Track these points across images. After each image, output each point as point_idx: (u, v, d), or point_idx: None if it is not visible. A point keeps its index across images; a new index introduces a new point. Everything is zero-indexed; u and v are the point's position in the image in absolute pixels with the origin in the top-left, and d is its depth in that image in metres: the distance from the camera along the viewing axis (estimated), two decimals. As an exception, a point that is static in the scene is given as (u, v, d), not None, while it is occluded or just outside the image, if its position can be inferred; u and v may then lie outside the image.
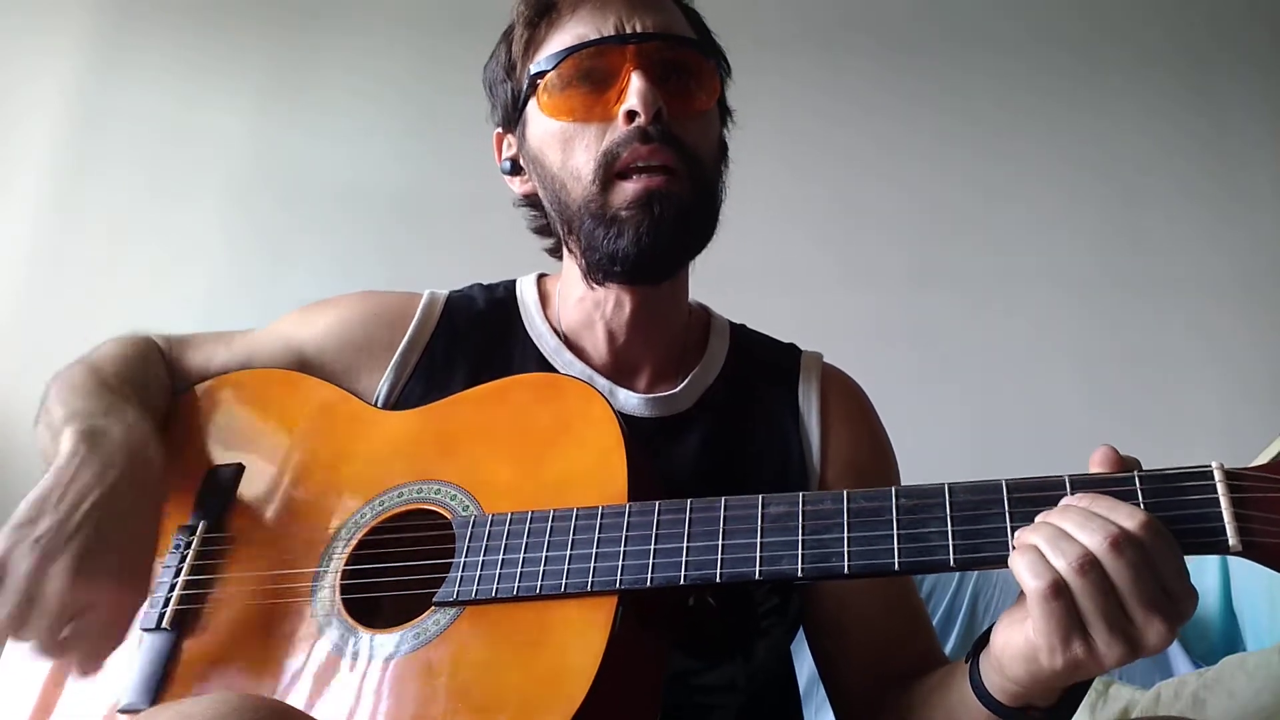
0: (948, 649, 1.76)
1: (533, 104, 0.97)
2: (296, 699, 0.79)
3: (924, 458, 1.18)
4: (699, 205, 0.95)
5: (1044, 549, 0.66)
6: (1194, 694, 1.34)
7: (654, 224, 0.91)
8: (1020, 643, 0.68)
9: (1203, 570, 1.77)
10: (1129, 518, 0.66)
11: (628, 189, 0.92)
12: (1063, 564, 0.65)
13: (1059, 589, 0.64)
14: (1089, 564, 0.64)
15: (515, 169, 1.04)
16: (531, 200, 1.04)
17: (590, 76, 0.93)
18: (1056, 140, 2.65)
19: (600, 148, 0.92)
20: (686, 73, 0.96)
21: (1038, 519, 0.69)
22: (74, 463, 0.84)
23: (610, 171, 0.92)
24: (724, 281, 1.09)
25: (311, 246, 2.53)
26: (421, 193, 2.56)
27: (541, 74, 0.95)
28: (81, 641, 0.80)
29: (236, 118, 2.59)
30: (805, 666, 1.09)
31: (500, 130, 1.05)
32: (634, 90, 0.91)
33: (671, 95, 0.93)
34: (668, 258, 0.95)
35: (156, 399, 1.01)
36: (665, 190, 0.91)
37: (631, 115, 0.91)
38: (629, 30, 0.93)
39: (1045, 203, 2.61)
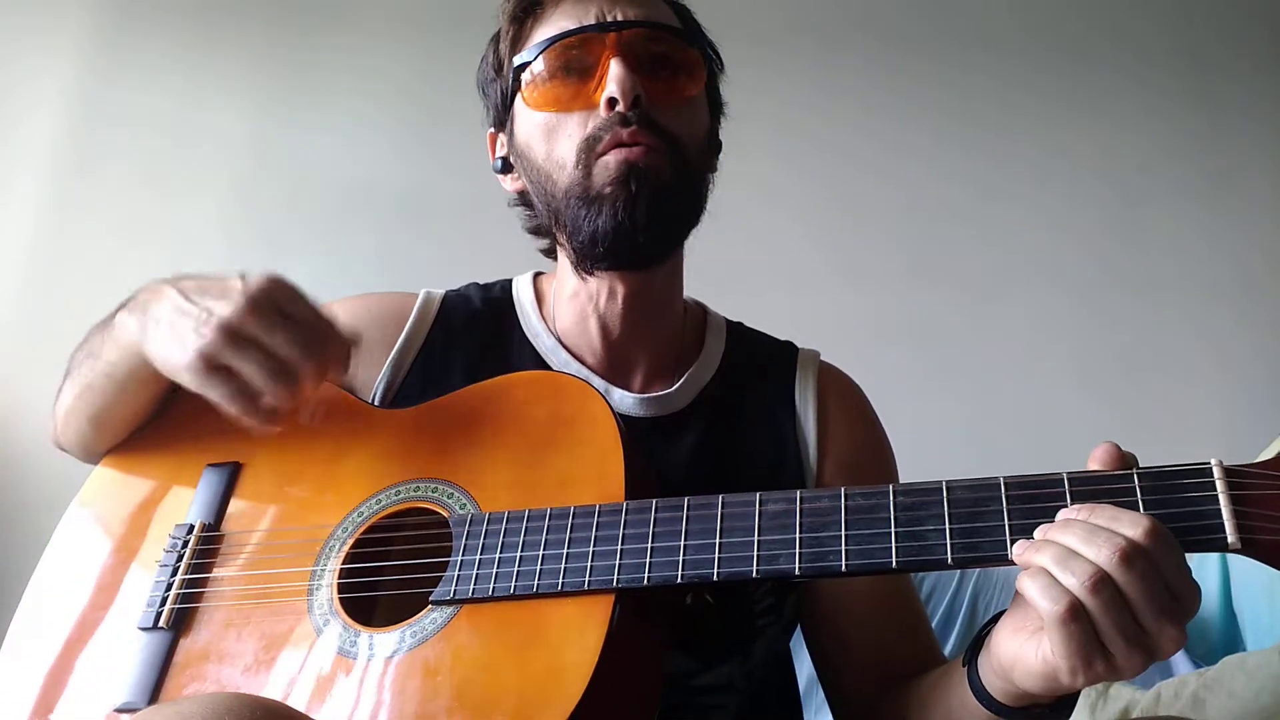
0: (948, 649, 1.76)
1: (519, 99, 0.98)
2: (293, 698, 0.79)
3: (922, 457, 1.17)
4: (679, 185, 0.95)
5: (1053, 569, 0.65)
6: (1194, 694, 1.34)
7: (631, 200, 0.91)
8: (1035, 662, 0.68)
9: (1203, 570, 1.77)
10: (1132, 526, 0.65)
11: (609, 162, 0.92)
12: (1074, 583, 0.64)
13: (1076, 612, 0.63)
14: (1100, 581, 0.63)
15: (506, 167, 1.05)
16: (524, 198, 1.05)
17: (572, 67, 0.94)
18: (1055, 139, 2.65)
19: (582, 135, 0.93)
20: (669, 60, 0.96)
21: (1039, 534, 0.68)
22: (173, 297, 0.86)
23: (592, 156, 0.93)
24: (721, 279, 1.09)
25: (312, 245, 2.53)
26: (421, 193, 2.56)
27: (525, 66, 0.96)
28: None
29: (236, 117, 2.58)
30: (805, 667, 1.09)
31: (493, 130, 1.06)
32: (612, 76, 0.92)
33: (653, 83, 0.94)
34: (648, 236, 0.94)
35: None
36: (643, 165, 0.92)
37: (612, 102, 0.92)
38: (609, 18, 0.94)
39: (1044, 202, 2.61)
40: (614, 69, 0.92)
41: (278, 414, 0.83)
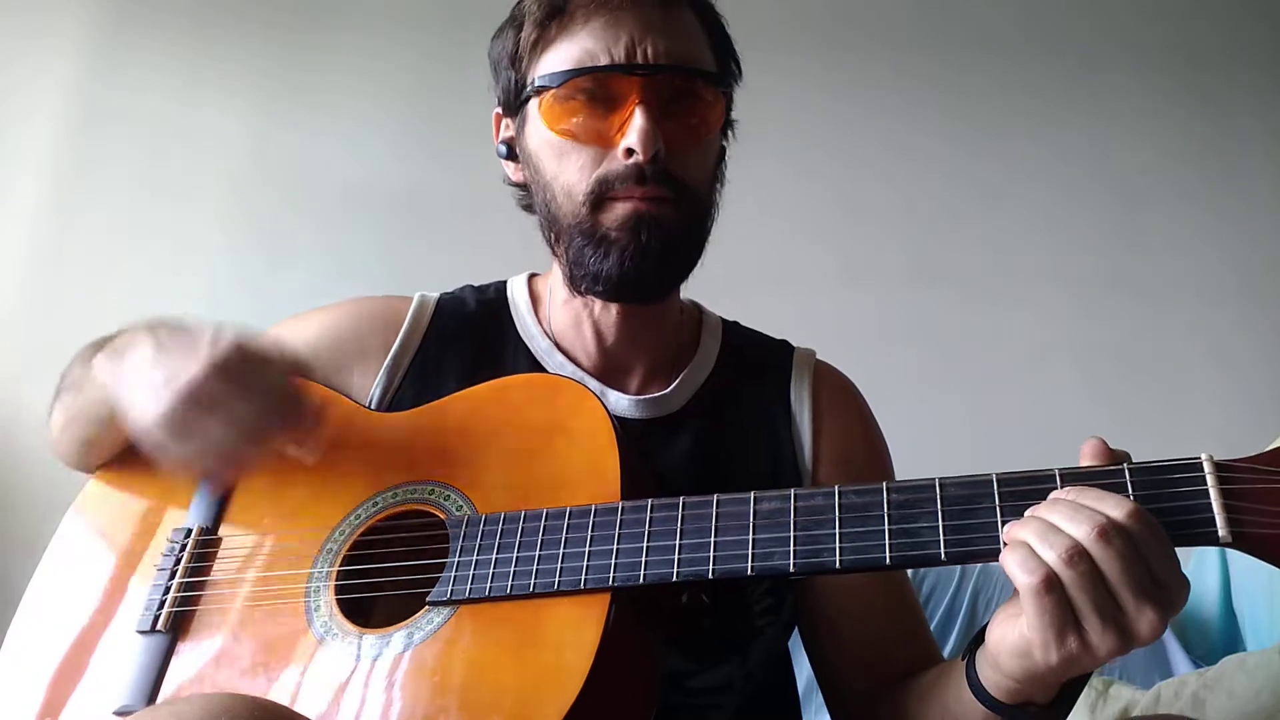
0: (947, 649, 1.76)
1: (533, 106, 0.96)
2: (291, 700, 0.79)
3: (922, 457, 1.17)
4: (688, 233, 0.95)
5: (1033, 543, 0.66)
6: (1194, 694, 1.34)
7: (640, 250, 0.91)
8: (1014, 639, 0.68)
9: (1203, 570, 1.77)
10: (1116, 507, 0.66)
11: (618, 209, 0.91)
12: (1052, 556, 0.65)
13: (1051, 583, 0.64)
14: (1078, 554, 0.64)
15: (510, 154, 1.03)
16: (524, 186, 1.03)
17: (594, 97, 0.92)
18: (1056, 140, 2.65)
19: (595, 173, 0.92)
20: (693, 103, 0.94)
21: (1027, 513, 0.69)
22: (147, 344, 0.84)
23: (602, 197, 0.92)
24: (721, 279, 1.09)
25: (311, 246, 2.54)
26: (421, 193, 2.56)
27: (545, 87, 0.93)
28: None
29: (236, 118, 2.59)
30: (804, 668, 1.09)
31: (500, 111, 1.04)
32: (635, 128, 0.89)
33: (674, 126, 0.92)
34: (652, 283, 0.95)
35: None
36: (655, 216, 0.91)
37: (630, 151, 0.90)
38: (639, 55, 0.91)
39: (1044, 203, 2.61)
40: (638, 120, 0.89)
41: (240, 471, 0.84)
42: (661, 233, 0.91)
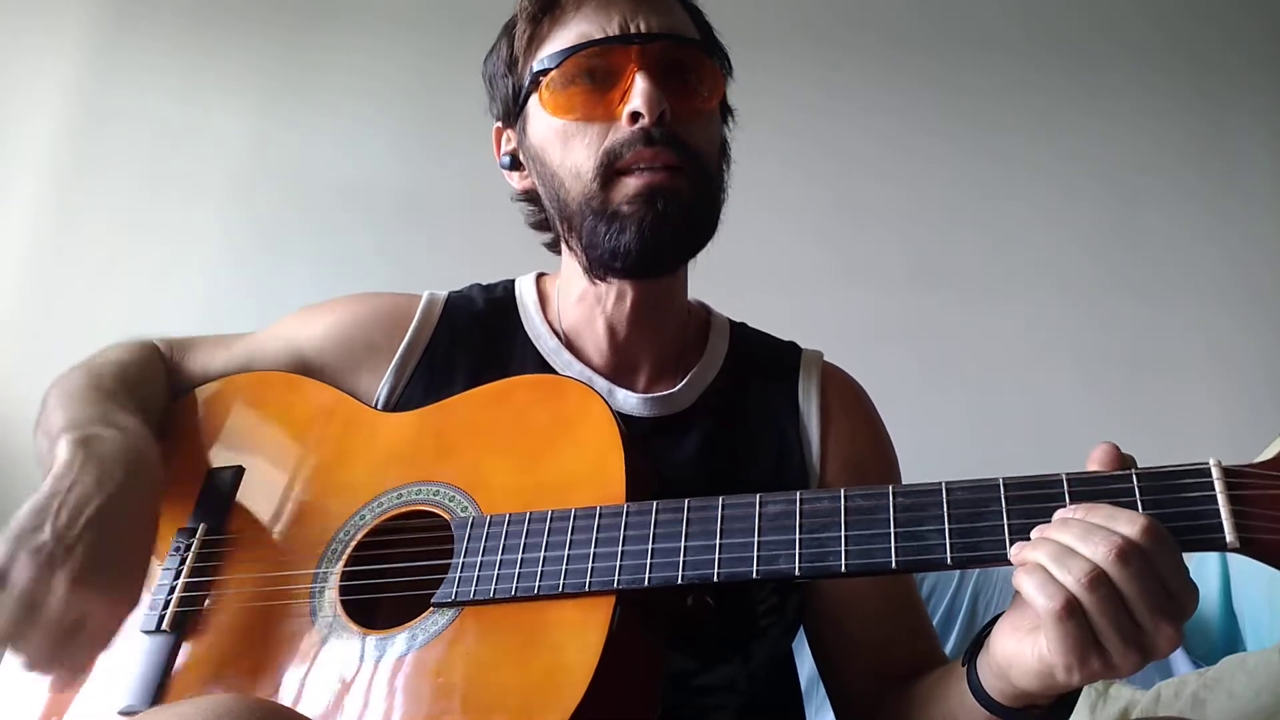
0: (948, 649, 1.76)
1: (534, 100, 0.96)
2: (295, 701, 0.79)
3: (923, 458, 1.17)
4: (701, 202, 0.95)
5: (1049, 567, 0.65)
6: (1194, 694, 1.34)
7: (657, 219, 0.91)
8: (1032, 660, 0.68)
9: (1203, 571, 1.77)
10: (1129, 525, 0.65)
11: (630, 184, 0.91)
12: (1071, 580, 0.64)
13: (1072, 608, 0.64)
14: (1097, 578, 0.64)
15: (514, 164, 1.04)
16: (530, 196, 1.04)
17: (594, 75, 0.93)
18: (1056, 140, 2.65)
19: (602, 146, 0.92)
20: (690, 72, 0.95)
21: (1035, 534, 0.69)
22: (72, 471, 0.84)
23: (611, 170, 0.92)
24: (723, 280, 1.09)
25: (312, 246, 2.54)
26: (421, 193, 2.56)
27: (544, 72, 0.94)
28: (75, 652, 0.81)
29: (236, 118, 2.59)
30: (805, 666, 1.09)
31: (500, 125, 1.05)
32: (638, 91, 0.90)
33: (675, 96, 0.93)
34: (669, 252, 0.95)
35: (154, 404, 1.01)
36: (668, 186, 0.91)
37: (635, 116, 0.90)
38: (633, 29, 0.93)
39: (1044, 202, 2.61)
40: (640, 84, 0.90)
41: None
42: (677, 201, 0.91)
